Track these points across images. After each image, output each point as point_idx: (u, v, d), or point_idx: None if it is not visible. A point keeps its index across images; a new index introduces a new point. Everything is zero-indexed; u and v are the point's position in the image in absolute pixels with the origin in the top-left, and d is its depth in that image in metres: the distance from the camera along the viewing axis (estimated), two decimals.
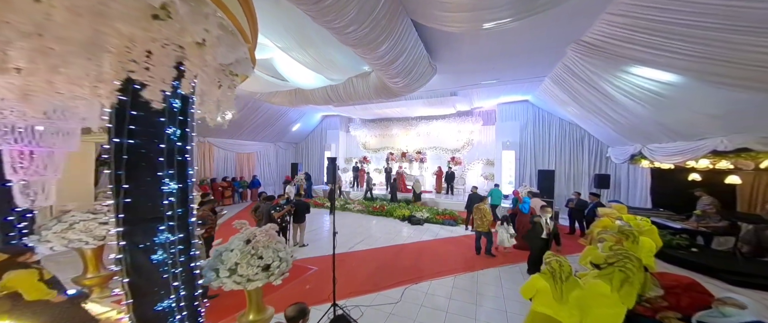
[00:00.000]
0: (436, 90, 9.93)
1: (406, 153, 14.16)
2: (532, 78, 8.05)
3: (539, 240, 4.89)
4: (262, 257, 2.33)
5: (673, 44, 3.74)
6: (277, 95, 7.98)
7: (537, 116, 10.67)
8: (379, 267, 5.50)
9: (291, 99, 8.05)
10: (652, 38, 3.86)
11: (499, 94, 10.28)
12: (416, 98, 10.93)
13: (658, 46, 3.90)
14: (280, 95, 7.91)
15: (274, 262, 2.38)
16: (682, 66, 4.00)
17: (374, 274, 5.18)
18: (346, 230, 8.22)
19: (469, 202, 8.21)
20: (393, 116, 14.12)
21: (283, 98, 8.05)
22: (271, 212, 5.39)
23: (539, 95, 9.03)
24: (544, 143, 10.47)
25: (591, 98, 6.35)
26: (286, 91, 7.77)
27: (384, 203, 11.00)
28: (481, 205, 6.26)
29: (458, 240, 7.51)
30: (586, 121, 7.82)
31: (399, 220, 9.66)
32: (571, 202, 7.48)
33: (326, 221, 9.26)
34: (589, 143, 9.45)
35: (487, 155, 12.62)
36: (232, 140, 12.38)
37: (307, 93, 7.85)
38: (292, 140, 16.50)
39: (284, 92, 7.84)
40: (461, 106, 11.93)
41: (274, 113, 12.59)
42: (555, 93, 7.82)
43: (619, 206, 5.35)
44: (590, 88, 6.01)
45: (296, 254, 5.92)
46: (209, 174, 11.11)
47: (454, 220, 9.10)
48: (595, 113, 6.75)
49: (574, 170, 9.73)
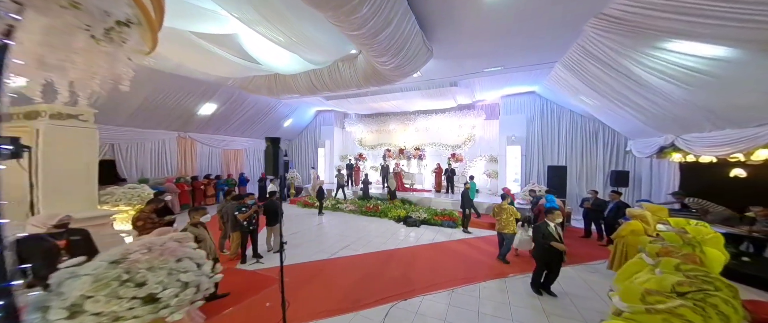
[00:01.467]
0: (434, 80, 9.09)
1: (404, 150, 13.32)
2: (541, 65, 7.16)
3: (546, 252, 3.99)
4: (143, 283, 1.51)
5: (722, 8, 2.89)
6: (253, 82, 7.15)
7: (545, 108, 9.76)
8: (363, 278, 4.67)
9: (270, 87, 7.22)
10: (695, 3, 3.01)
11: (504, 85, 9.39)
12: (414, 89, 10.10)
13: (702, 13, 3.05)
14: (256, 82, 7.09)
15: (167, 289, 1.55)
16: (735, 36, 3.14)
17: (355, 287, 4.35)
18: (332, 233, 7.42)
19: (463, 199, 7.38)
20: (390, 110, 13.29)
21: (260, 86, 7.22)
22: (235, 213, 4.59)
23: (548, 84, 8.13)
24: (552, 138, 9.56)
25: (612, 83, 5.45)
26: (263, 77, 6.94)
27: (378, 203, 10.18)
28: (504, 203, 5.43)
29: (457, 245, 6.66)
30: (604, 111, 6.91)
31: (394, 221, 8.83)
32: (587, 201, 6.59)
33: (314, 222, 8.46)
34: (605, 137, 8.53)
35: (490, 151, 11.73)
36: (217, 136, 11.63)
37: (288, 80, 7.04)
38: (285, 136, 15.71)
39: (261, 78, 7.00)
40: (462, 99, 11.05)
41: (263, 108, 11.82)
42: (567, 81, 6.93)
43: (654, 206, 4.44)
44: (612, 71, 5.12)
45: (267, 262, 5.12)
46: (191, 172, 10.36)
47: (454, 221, 8.24)
48: (616, 101, 5.85)
49: (586, 167, 8.82)
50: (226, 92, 9.66)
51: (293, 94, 7.61)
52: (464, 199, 7.34)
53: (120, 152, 8.09)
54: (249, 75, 6.83)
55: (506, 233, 5.32)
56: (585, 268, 5.11)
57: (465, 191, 7.41)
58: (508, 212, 5.29)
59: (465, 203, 7.34)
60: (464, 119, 12.02)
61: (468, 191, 7.42)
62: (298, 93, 7.52)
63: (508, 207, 5.34)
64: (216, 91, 9.25)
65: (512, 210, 5.30)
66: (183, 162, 10.17)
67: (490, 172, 11.43)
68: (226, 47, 5.09)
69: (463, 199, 7.37)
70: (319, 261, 5.33)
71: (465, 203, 7.34)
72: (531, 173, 9.87)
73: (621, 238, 4.37)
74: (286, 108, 13.07)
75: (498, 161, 11.26)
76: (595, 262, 5.33)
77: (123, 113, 7.79)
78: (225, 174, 11.90)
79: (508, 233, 5.30)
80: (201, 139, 10.92)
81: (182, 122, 9.72)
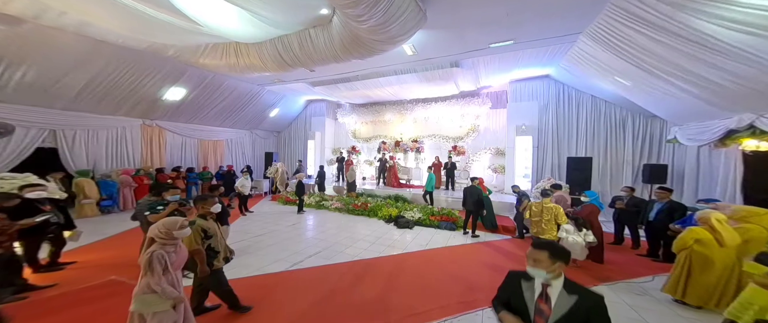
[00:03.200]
0: (432, 59, 7.78)
1: (401, 142, 12.06)
2: (560, 38, 5.84)
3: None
4: None
5: None
6: (205, 54, 5.89)
7: (561, 93, 8.40)
8: (320, 302, 3.45)
9: (229, 61, 5.97)
10: None
11: (513, 67, 8.05)
12: (409, 71, 8.82)
13: None
14: (210, 55, 5.84)
15: None
16: None
17: (303, 317, 3.14)
18: (305, 236, 6.22)
19: (467, 198, 6.11)
20: (386, 98, 12.03)
21: (217, 60, 5.96)
22: (146, 214, 3.41)
23: (567, 65, 6.80)
24: (569, 127, 8.21)
25: (662, 51, 4.12)
26: (217, 47, 5.69)
27: (368, 200, 8.97)
28: (546, 201, 4.17)
29: (457, 252, 5.41)
30: (644, 91, 5.51)
31: (384, 221, 7.61)
32: (619, 201, 5.25)
33: (289, 222, 7.27)
34: (635, 125, 7.14)
35: (496, 143, 10.43)
36: (191, 125, 10.51)
37: (251, 51, 5.81)
38: (273, 127, 14.59)
39: (218, 50, 5.75)
40: (465, 84, 9.72)
41: (243, 95, 10.67)
42: (594, 57, 5.60)
43: (752, 209, 3.02)
44: (664, 34, 3.81)
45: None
46: (159, 163, 9.26)
47: (454, 222, 6.99)
48: (665, 75, 4.50)
49: (611, 160, 7.45)
50: (196, 76, 8.51)
51: (260, 71, 6.37)
52: (468, 197, 6.05)
53: (64, 140, 6.99)
54: (194, 43, 5.58)
55: (547, 239, 4.06)
56: (627, 288, 3.82)
57: (471, 189, 6.10)
58: (551, 212, 4.01)
59: (467, 200, 6.06)
60: (467, 107, 10.71)
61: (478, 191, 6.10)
62: (265, 69, 6.29)
63: (551, 206, 4.07)
64: (182, 73, 8.10)
65: (558, 211, 4.03)
66: (148, 153, 9.07)
67: (496, 166, 10.11)
68: (152, 3, 3.89)
69: (465, 197, 6.08)
70: (269, 276, 4.13)
71: (466, 201, 6.06)
72: (544, 167, 8.54)
73: (684, 251, 3.08)
74: (272, 96, 11.91)
75: (505, 154, 9.95)
76: (640, 280, 4.04)
77: (64, 94, 6.67)
78: (202, 167, 10.78)
79: (549, 238, 4.05)
80: (172, 128, 9.81)
81: (146, 108, 8.60)
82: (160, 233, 2.07)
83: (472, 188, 6.14)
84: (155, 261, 1.96)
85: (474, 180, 6.25)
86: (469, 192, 6.10)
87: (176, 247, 2.15)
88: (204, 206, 2.80)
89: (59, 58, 5.94)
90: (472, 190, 6.11)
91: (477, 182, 6.26)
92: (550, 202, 4.14)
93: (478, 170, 10.59)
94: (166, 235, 2.07)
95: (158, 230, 2.08)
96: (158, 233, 2.07)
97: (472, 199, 6.07)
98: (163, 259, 2.00)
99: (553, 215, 4.00)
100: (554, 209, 4.02)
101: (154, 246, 2.06)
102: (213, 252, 2.70)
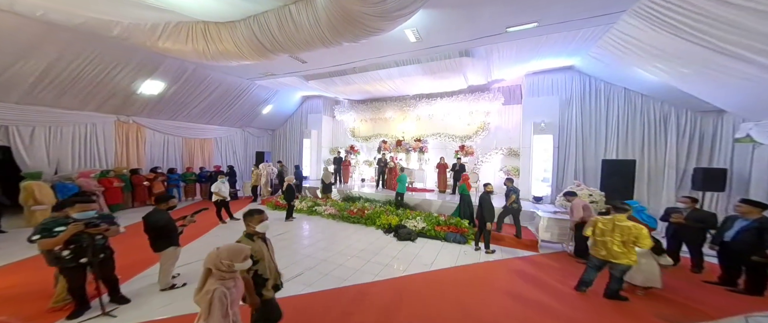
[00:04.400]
0: (439, 47, 6.78)
1: (402, 141, 11.08)
2: (597, 18, 4.81)
3: None
4: None
5: None
6: (167, 36, 4.83)
7: (588, 86, 7.33)
8: None
9: (198, 46, 4.97)
10: None
11: (531, 57, 7.02)
12: (413, 61, 7.85)
13: None
14: (173, 37, 4.85)
15: None
16: None
17: None
18: (288, 250, 5.27)
19: (482, 208, 5.14)
20: (386, 94, 11.06)
21: (182, 44, 4.95)
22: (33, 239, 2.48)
23: (598, 52, 5.77)
24: (597, 125, 7.15)
25: (744, 20, 3.09)
26: (183, 28, 4.72)
27: (365, 205, 8.02)
28: (620, 217, 3.17)
29: (469, 273, 4.45)
30: (708, 77, 4.41)
31: (382, 232, 6.65)
32: (676, 214, 4.19)
33: (274, 233, 6.33)
34: (680, 122, 6.05)
35: (508, 142, 9.41)
36: (175, 122, 9.67)
37: (223, 33, 4.86)
38: (267, 125, 13.73)
39: (181, 32, 4.74)
40: (475, 77, 8.71)
41: (231, 90, 9.80)
42: (637, 39, 4.59)
43: None
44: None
45: (140, 308, 3.02)
46: (136, 163, 8.42)
47: (463, 234, 6.01)
48: (748, 50, 3.45)
49: (649, 163, 6.39)
50: (175, 68, 7.65)
51: (238, 58, 5.43)
52: (485, 205, 5.07)
53: (18, 137, 6.14)
54: (141, 19, 4.59)
55: (619, 264, 3.06)
56: None
57: (486, 196, 5.13)
58: (628, 233, 3.02)
59: (485, 213, 5.08)
60: (477, 103, 9.70)
61: (486, 195, 5.16)
62: (243, 57, 5.35)
63: (628, 225, 3.06)
64: (158, 64, 7.24)
65: (640, 232, 3.00)
66: (124, 152, 8.23)
67: (509, 168, 9.08)
68: None
69: (483, 205, 5.10)
70: None
71: (485, 212, 5.08)
72: (565, 169, 7.49)
73: None
74: (264, 92, 11.03)
75: (519, 154, 8.92)
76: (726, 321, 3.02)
77: (15, 85, 5.82)
78: (186, 167, 9.92)
79: (621, 265, 3.06)
80: (151, 125, 8.97)
81: (120, 103, 7.75)
82: (222, 266, 1.73)
83: (485, 197, 5.15)
84: (218, 302, 1.64)
85: (487, 186, 5.25)
86: (483, 201, 5.11)
87: (235, 280, 1.85)
88: (250, 223, 2.28)
89: (4, 43, 5.10)
90: (487, 199, 5.12)
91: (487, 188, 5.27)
92: (625, 219, 3.13)
93: (488, 172, 9.57)
94: (228, 268, 1.74)
95: (220, 262, 1.74)
96: (220, 266, 1.73)
97: (487, 209, 5.08)
98: (226, 298, 1.68)
99: (631, 236, 3.01)
100: (634, 229, 3.02)
101: (213, 281, 1.72)
102: (261, 280, 2.23)
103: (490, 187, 5.22)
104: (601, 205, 5.05)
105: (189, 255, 4.83)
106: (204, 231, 6.17)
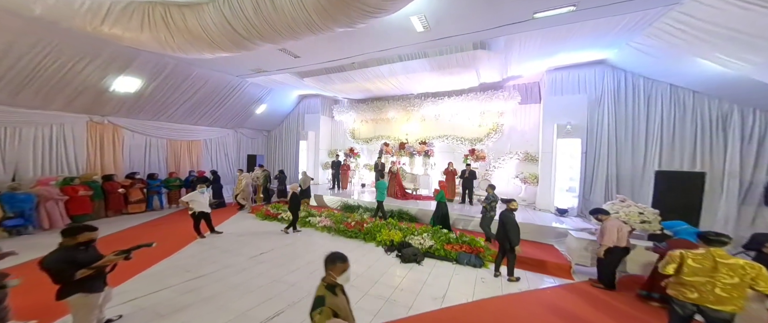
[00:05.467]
0: (451, 37, 5.87)
1: (406, 144, 10.18)
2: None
3: None
4: None
5: None
6: (115, 20, 3.79)
7: (622, 83, 6.35)
8: None
9: (158, 34, 4.04)
10: None
11: (558, 49, 6.08)
12: (419, 55, 6.95)
13: None
14: (123, 21, 3.87)
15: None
16: None
17: None
18: (268, 277, 4.33)
19: (505, 228, 4.23)
20: (389, 92, 10.19)
21: (136, 31, 3.96)
22: None
23: (643, 42, 4.81)
24: (636, 128, 6.15)
25: None
26: (136, 10, 3.75)
27: (365, 217, 7.13)
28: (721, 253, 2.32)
29: (491, 311, 3.56)
30: None
31: (383, 249, 5.76)
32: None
33: (260, 249, 5.44)
34: (745, 123, 4.96)
35: (524, 146, 8.47)
36: (157, 123, 8.86)
37: (188, 18, 3.96)
38: (261, 126, 12.90)
39: (133, 14, 3.74)
40: (489, 73, 7.77)
41: (219, 88, 8.97)
42: (709, 22, 3.62)
43: None
44: None
45: None
46: (112, 168, 7.61)
47: (478, 254, 5.09)
48: None
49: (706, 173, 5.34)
50: (152, 63, 6.84)
51: (212, 50, 4.53)
52: (510, 227, 4.15)
53: None
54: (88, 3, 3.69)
55: (721, 312, 2.19)
56: None
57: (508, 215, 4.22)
58: (738, 271, 2.15)
59: (511, 232, 4.16)
60: (489, 102, 8.76)
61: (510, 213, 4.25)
62: (218, 47, 4.47)
63: (736, 263, 2.19)
64: (131, 59, 6.43)
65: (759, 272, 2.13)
66: (98, 156, 7.42)
67: (526, 176, 8.12)
68: None
69: (507, 226, 4.18)
70: None
71: (511, 233, 4.16)
72: (595, 178, 6.52)
73: None
74: (257, 90, 10.19)
75: (538, 159, 7.98)
76: None
77: None
78: (169, 173, 9.10)
79: (723, 312, 2.17)
80: (130, 126, 8.16)
81: (90, 102, 6.94)
82: None
83: (509, 215, 4.22)
84: None
85: (510, 203, 4.31)
86: (507, 220, 4.19)
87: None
88: (332, 272, 1.91)
89: None
90: (511, 218, 4.19)
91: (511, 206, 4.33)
92: (723, 253, 2.22)
93: (501, 178, 8.63)
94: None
95: None
96: None
97: (512, 229, 4.16)
98: None
99: (745, 277, 2.11)
100: (750, 268, 2.13)
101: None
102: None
103: (515, 204, 4.28)
104: (656, 226, 4.10)
105: (153, 281, 3.99)
106: (176, 248, 5.33)
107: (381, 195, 7.16)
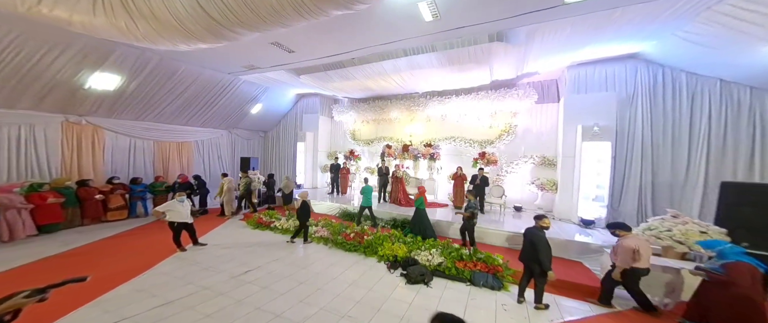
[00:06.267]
0: (464, 28, 5.17)
1: (410, 146, 9.50)
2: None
3: None
4: None
5: None
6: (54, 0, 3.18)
7: (659, 80, 5.62)
8: None
9: (117, 21, 3.27)
10: None
11: (586, 43, 5.37)
12: (427, 50, 6.29)
13: None
14: (66, 2, 3.10)
15: None
16: None
17: None
18: (246, 306, 3.62)
19: (531, 246, 3.53)
20: (391, 91, 9.52)
21: (89, 14, 3.11)
22: None
23: (693, 31, 4.09)
24: (677, 129, 5.43)
25: None
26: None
27: (365, 229, 6.44)
28: None
29: None
30: None
31: (386, 266, 5.06)
32: None
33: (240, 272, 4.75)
34: None
35: (540, 149, 7.74)
36: (143, 123, 8.24)
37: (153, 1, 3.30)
38: (257, 127, 12.28)
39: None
40: (503, 69, 7.07)
41: (208, 86, 8.34)
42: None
43: None
44: None
45: None
46: (90, 173, 6.98)
47: (496, 275, 4.40)
48: None
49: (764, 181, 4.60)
50: (133, 57, 6.23)
51: (186, 39, 3.87)
52: (541, 248, 3.46)
53: None
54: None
55: None
56: None
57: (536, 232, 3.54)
58: None
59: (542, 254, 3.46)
60: (502, 101, 8.06)
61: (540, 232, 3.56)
62: (192, 37, 3.80)
63: None
64: (109, 52, 5.81)
65: None
66: (74, 159, 6.80)
67: (542, 182, 7.39)
68: None
69: (538, 246, 3.48)
70: None
71: (542, 255, 3.46)
72: (626, 186, 5.78)
73: None
74: (251, 88, 9.56)
75: (556, 164, 7.26)
76: None
77: None
78: (155, 177, 8.46)
79: None
80: (112, 126, 7.53)
81: (64, 100, 6.32)
82: None
83: (540, 234, 3.51)
84: None
85: (541, 220, 3.60)
86: (538, 240, 3.48)
87: None
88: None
89: None
90: (542, 238, 3.48)
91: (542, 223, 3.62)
92: None
93: (514, 184, 7.91)
94: None
95: None
96: None
97: (542, 249, 3.45)
98: None
99: None
100: None
101: None
102: None
103: (547, 221, 3.57)
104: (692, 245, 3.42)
105: (107, 310, 3.29)
106: (150, 264, 4.68)
107: (367, 201, 6.70)
